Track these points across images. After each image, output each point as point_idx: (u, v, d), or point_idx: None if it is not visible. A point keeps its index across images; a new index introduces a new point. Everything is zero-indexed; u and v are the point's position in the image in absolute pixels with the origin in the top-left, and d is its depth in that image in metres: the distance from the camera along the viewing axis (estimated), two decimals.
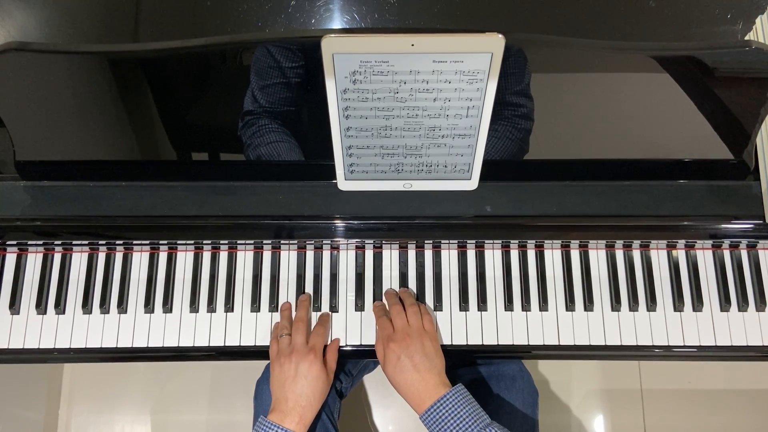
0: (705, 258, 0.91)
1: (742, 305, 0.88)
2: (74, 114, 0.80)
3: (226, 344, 0.88)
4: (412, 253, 0.92)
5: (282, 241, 0.90)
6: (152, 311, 0.90)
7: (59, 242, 0.89)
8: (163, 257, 0.91)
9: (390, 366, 0.79)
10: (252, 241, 0.91)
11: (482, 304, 0.89)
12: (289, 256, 0.92)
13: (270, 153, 0.82)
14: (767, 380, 1.60)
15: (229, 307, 0.89)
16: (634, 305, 0.89)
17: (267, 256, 0.92)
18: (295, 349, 0.80)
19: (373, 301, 0.89)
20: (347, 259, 0.91)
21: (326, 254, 0.92)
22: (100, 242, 0.90)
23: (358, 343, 0.88)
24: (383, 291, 0.90)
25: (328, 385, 0.82)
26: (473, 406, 0.74)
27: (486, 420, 0.73)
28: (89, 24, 0.82)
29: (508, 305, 0.89)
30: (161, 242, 0.90)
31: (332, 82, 0.68)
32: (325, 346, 0.86)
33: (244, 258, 0.91)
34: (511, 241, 0.90)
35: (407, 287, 0.90)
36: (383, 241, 0.91)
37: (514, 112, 0.79)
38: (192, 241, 0.90)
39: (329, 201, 0.84)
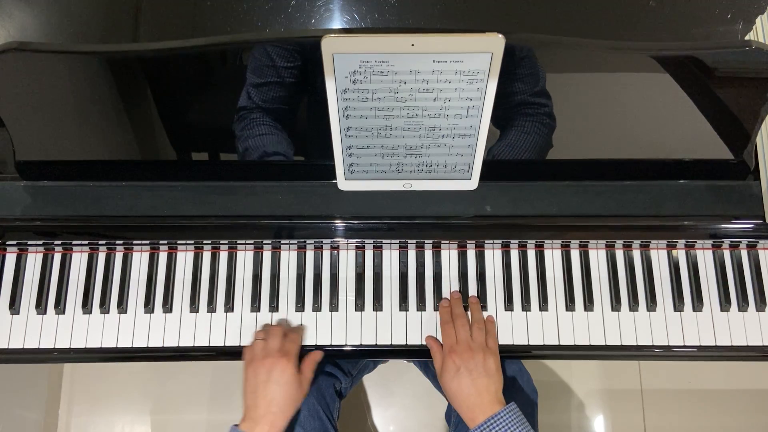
0: (705, 258, 0.91)
1: (742, 305, 0.88)
2: (74, 114, 0.80)
3: (226, 344, 0.88)
4: (412, 253, 0.92)
5: (282, 241, 0.90)
6: (152, 311, 0.90)
7: (59, 242, 0.89)
8: (163, 257, 0.91)
9: (447, 375, 0.80)
10: (252, 241, 0.91)
11: (482, 304, 0.89)
12: (289, 256, 0.92)
13: (256, 145, 0.82)
14: (767, 380, 1.60)
15: (229, 307, 0.89)
16: (634, 305, 0.89)
17: (267, 256, 0.92)
18: (269, 354, 0.80)
19: (373, 300, 0.89)
20: (347, 259, 0.91)
21: (326, 254, 0.91)
22: (100, 242, 0.90)
23: (358, 343, 0.88)
24: (443, 293, 0.89)
25: (302, 393, 0.81)
26: (525, 426, 0.75)
27: None
28: (89, 24, 0.82)
29: (508, 305, 0.89)
30: (161, 242, 0.90)
31: (332, 82, 0.68)
32: (303, 357, 0.85)
33: (244, 258, 0.91)
34: (511, 241, 0.90)
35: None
36: (383, 241, 0.90)
37: (538, 110, 0.79)
38: (192, 241, 0.90)
39: (329, 201, 0.84)
